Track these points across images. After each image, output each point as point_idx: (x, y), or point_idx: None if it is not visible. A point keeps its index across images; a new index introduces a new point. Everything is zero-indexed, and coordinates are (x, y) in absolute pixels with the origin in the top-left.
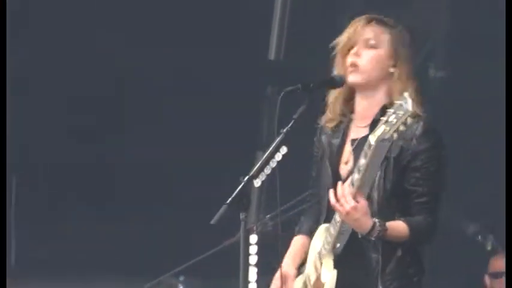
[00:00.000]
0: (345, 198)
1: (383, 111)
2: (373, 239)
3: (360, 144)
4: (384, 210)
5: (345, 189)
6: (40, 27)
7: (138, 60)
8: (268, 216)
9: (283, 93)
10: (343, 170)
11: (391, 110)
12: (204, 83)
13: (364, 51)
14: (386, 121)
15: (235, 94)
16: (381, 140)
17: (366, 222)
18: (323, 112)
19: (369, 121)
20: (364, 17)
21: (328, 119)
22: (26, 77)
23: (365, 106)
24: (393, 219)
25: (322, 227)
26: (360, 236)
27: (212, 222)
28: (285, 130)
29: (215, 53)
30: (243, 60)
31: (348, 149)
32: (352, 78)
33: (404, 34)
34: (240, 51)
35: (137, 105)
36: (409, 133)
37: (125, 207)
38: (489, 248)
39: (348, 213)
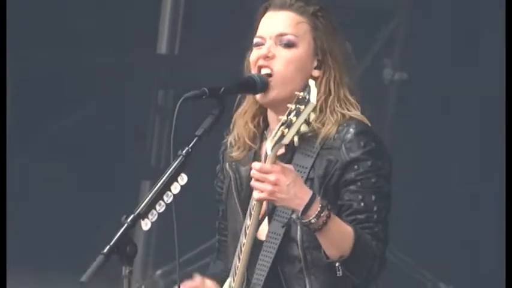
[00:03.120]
0: (265, 171)
1: None
2: (311, 224)
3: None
4: (312, 253)
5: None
6: None
7: None
8: (159, 272)
9: (182, 99)
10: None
11: (291, 106)
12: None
13: (277, 51)
14: (285, 121)
15: (112, 100)
16: (279, 147)
17: (301, 191)
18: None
19: None
20: (266, 4)
21: (233, 147)
22: None
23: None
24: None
25: (226, 284)
26: (295, 218)
27: (83, 279)
28: (184, 152)
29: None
30: (122, 55)
31: None
32: (264, 94)
33: (330, 16)
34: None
35: None
36: (338, 141)
37: None
38: None
39: (277, 181)
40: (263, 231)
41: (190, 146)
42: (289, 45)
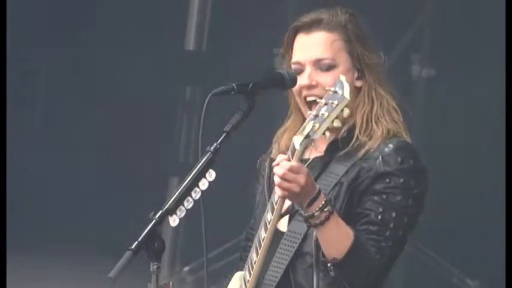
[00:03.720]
0: (296, 171)
1: None
2: (313, 217)
3: (312, 167)
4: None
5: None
6: None
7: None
8: (187, 268)
9: (210, 95)
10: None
11: (322, 101)
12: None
13: (319, 76)
14: (316, 115)
15: (140, 96)
16: (309, 141)
17: (306, 183)
18: (269, 124)
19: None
20: (298, 23)
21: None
22: None
23: None
24: None
25: (236, 276)
26: (300, 211)
27: (111, 275)
28: (212, 148)
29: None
30: (150, 52)
31: None
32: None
33: (359, 22)
34: (147, 40)
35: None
36: (376, 152)
37: None
38: None
39: (284, 174)
40: (283, 224)
41: (218, 142)
42: (329, 68)
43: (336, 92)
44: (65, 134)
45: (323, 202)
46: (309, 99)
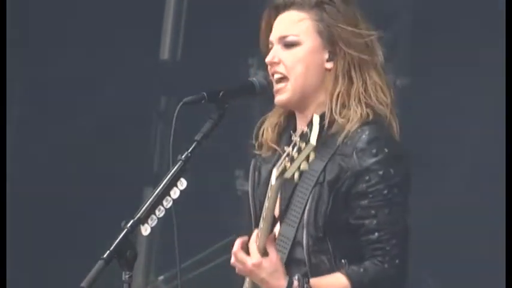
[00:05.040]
0: (241, 252)
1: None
2: None
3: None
4: (316, 256)
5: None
6: None
7: None
8: (161, 277)
9: (180, 104)
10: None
11: (296, 138)
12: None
13: (283, 53)
14: (289, 154)
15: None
16: (282, 180)
17: (276, 282)
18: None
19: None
20: (272, 4)
21: (260, 145)
22: None
23: (306, 121)
24: (334, 269)
25: None
26: None
27: (83, 285)
28: (183, 157)
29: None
30: (124, 61)
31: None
32: (278, 98)
33: (340, 3)
34: (121, 49)
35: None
36: (350, 148)
37: None
38: None
39: (250, 271)
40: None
41: (189, 150)
42: (292, 45)
43: (306, 133)
44: (39, 143)
45: (297, 283)
46: (275, 76)
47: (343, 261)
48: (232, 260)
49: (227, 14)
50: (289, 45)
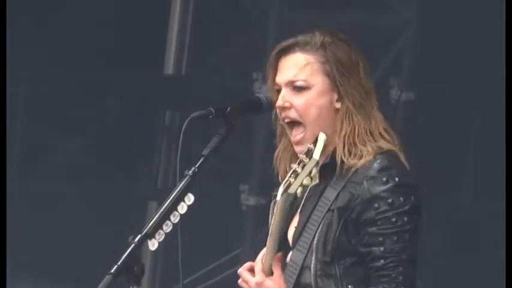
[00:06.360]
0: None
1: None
2: None
3: (310, 195)
4: (324, 281)
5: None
6: None
7: None
8: None
9: (188, 120)
10: (290, 232)
11: (302, 156)
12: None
13: (293, 97)
14: (295, 170)
15: (119, 120)
16: (286, 196)
17: None
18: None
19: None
20: (277, 47)
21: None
22: None
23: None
24: None
25: None
26: None
27: None
28: (191, 172)
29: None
30: (129, 76)
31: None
32: (299, 149)
33: (342, 42)
34: (126, 63)
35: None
36: (361, 176)
37: None
38: None
39: None
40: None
41: (196, 166)
42: (302, 90)
43: (311, 149)
44: (42, 157)
45: None
46: (286, 121)
47: (350, 287)
48: (240, 280)
49: (232, 29)
50: (299, 90)
